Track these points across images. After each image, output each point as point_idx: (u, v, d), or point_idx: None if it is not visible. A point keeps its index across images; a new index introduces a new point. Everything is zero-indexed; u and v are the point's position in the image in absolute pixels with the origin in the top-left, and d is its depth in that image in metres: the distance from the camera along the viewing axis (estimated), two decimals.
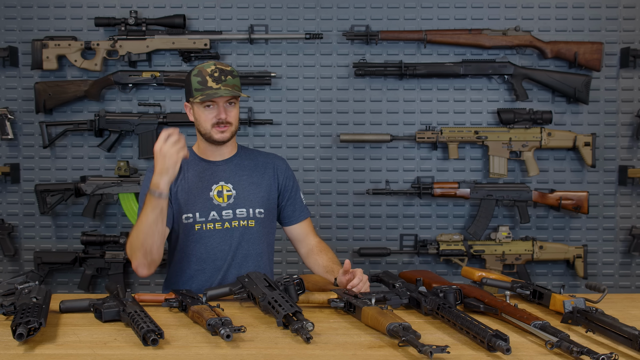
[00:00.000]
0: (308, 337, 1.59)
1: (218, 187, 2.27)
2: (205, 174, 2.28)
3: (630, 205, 3.46)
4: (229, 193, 2.27)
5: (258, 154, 2.41)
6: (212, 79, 2.17)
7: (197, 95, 2.17)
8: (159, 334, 1.58)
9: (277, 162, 2.39)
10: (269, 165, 2.37)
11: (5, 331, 1.67)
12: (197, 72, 2.20)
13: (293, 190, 2.39)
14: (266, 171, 2.35)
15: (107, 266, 3.34)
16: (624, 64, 3.40)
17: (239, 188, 2.29)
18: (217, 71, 2.18)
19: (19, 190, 3.46)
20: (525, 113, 3.32)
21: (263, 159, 2.38)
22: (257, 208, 2.29)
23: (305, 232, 2.40)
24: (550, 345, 1.51)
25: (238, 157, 2.34)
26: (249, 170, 2.32)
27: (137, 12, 3.31)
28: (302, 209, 2.41)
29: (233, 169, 2.31)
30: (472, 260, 3.39)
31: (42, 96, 3.32)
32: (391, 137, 3.35)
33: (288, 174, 2.40)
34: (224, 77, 2.18)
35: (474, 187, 3.36)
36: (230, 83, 2.18)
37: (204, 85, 2.17)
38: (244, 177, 2.31)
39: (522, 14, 3.43)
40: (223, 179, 2.28)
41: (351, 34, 3.36)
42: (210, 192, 2.26)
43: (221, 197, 2.27)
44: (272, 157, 2.41)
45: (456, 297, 1.90)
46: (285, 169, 2.40)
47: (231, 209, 2.26)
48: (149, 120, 3.34)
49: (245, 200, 2.28)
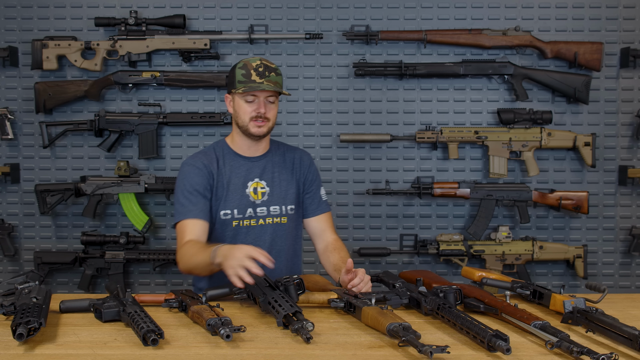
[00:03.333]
0: (308, 337, 1.59)
1: (254, 184, 2.32)
2: (240, 170, 2.32)
3: (630, 205, 3.46)
4: (263, 190, 2.32)
5: (286, 149, 2.45)
6: (257, 73, 2.20)
7: (240, 87, 2.20)
8: (159, 334, 1.58)
9: (303, 157, 2.44)
10: (296, 160, 2.41)
11: (5, 331, 1.67)
12: (243, 65, 2.24)
13: (315, 184, 2.43)
14: (294, 167, 2.40)
15: (107, 266, 3.34)
16: (624, 64, 3.40)
17: (272, 185, 2.34)
18: (262, 66, 2.21)
19: (19, 190, 3.46)
20: (525, 113, 3.32)
21: (291, 155, 2.42)
22: (288, 205, 2.35)
23: (323, 227, 2.42)
24: (550, 345, 1.51)
25: (270, 153, 2.38)
26: (279, 167, 2.37)
27: (137, 12, 3.31)
28: (320, 202, 2.44)
29: (266, 165, 2.35)
30: (472, 260, 3.39)
31: (42, 96, 3.32)
32: (391, 137, 3.35)
33: (312, 169, 2.44)
34: (268, 73, 2.21)
35: (474, 187, 3.35)
36: (273, 79, 2.22)
37: (248, 79, 2.20)
38: (276, 174, 2.36)
39: (522, 14, 3.43)
40: (258, 175, 2.33)
41: (351, 34, 3.36)
42: (247, 189, 2.31)
43: (256, 194, 2.32)
44: (299, 152, 2.46)
45: (456, 297, 1.90)
46: (309, 163, 2.44)
47: (265, 206, 2.32)
48: (149, 120, 3.34)
49: (278, 198, 2.33)
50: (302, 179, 2.40)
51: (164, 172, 3.43)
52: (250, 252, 1.86)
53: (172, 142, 3.44)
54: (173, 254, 3.33)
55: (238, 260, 1.85)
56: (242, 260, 1.85)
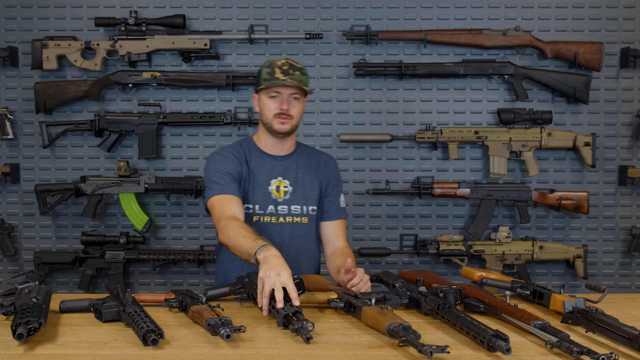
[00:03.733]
0: (308, 337, 1.59)
1: (277, 182, 2.35)
2: (265, 168, 2.35)
3: (630, 205, 3.46)
4: (285, 189, 2.35)
5: (312, 152, 2.48)
6: (281, 71, 2.24)
7: (264, 84, 2.24)
8: (159, 334, 1.58)
9: (329, 161, 2.47)
10: (321, 163, 2.44)
11: (5, 331, 1.67)
12: (269, 64, 2.28)
13: (335, 190, 2.45)
14: (319, 169, 2.42)
15: (107, 266, 3.34)
16: (624, 64, 3.40)
17: (295, 185, 2.36)
18: (286, 64, 2.26)
19: (19, 190, 3.46)
20: (525, 113, 3.32)
21: (317, 157, 2.45)
22: (310, 205, 2.38)
23: (337, 233, 2.44)
24: (550, 345, 1.51)
25: (296, 154, 2.41)
26: (304, 168, 2.40)
27: (137, 12, 3.31)
28: (338, 208, 2.46)
29: (291, 165, 2.38)
30: (472, 260, 3.39)
31: (42, 96, 3.32)
32: (391, 137, 3.35)
33: (335, 174, 2.47)
34: (292, 71, 2.25)
35: (474, 187, 3.35)
36: (297, 77, 2.25)
37: (272, 76, 2.24)
38: (300, 175, 2.38)
39: (522, 14, 3.43)
40: (281, 174, 2.36)
41: (351, 34, 3.36)
42: (270, 187, 2.34)
43: (279, 192, 2.34)
44: (325, 156, 2.49)
45: (456, 297, 1.90)
46: (333, 168, 2.47)
47: (287, 204, 2.34)
48: (149, 120, 3.34)
49: (300, 198, 2.36)
50: (325, 182, 2.43)
51: (164, 172, 3.43)
52: (287, 283, 1.80)
53: (172, 142, 3.44)
54: (173, 254, 3.33)
55: (273, 280, 1.80)
56: (277, 286, 1.78)
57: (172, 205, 3.45)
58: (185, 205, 3.45)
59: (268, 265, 1.85)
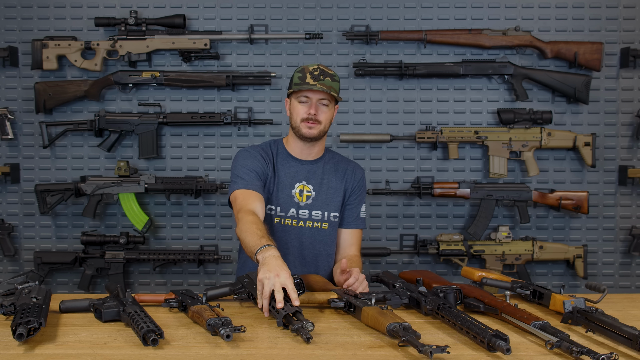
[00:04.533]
0: (308, 337, 1.59)
1: (300, 186, 2.36)
2: (290, 171, 2.36)
3: (630, 205, 3.46)
4: (308, 194, 2.36)
5: (341, 159, 2.48)
6: (311, 76, 2.25)
7: (294, 88, 2.27)
8: (159, 334, 1.58)
9: (356, 169, 2.47)
10: (349, 171, 2.44)
11: (5, 331, 1.67)
12: (301, 69, 2.30)
13: (358, 199, 2.45)
14: (345, 177, 2.43)
15: (107, 266, 3.33)
16: (624, 64, 3.40)
17: (319, 191, 2.37)
18: (317, 70, 2.27)
19: (19, 190, 3.46)
20: (525, 113, 3.32)
21: (344, 165, 2.45)
22: (332, 212, 2.38)
23: (352, 241, 2.44)
24: (550, 345, 1.51)
25: (323, 160, 2.41)
26: (329, 174, 2.40)
27: (137, 12, 3.31)
28: (358, 218, 2.46)
29: (316, 171, 2.38)
30: (472, 260, 3.39)
31: (42, 96, 3.32)
32: (391, 137, 3.35)
33: (361, 183, 2.47)
34: (323, 77, 2.26)
35: (474, 187, 3.35)
36: (327, 84, 2.26)
37: (302, 81, 2.26)
38: (325, 181, 2.38)
39: (522, 14, 3.43)
40: (306, 179, 2.37)
41: (351, 34, 3.36)
42: (293, 190, 2.35)
43: (301, 196, 2.35)
44: (353, 165, 2.49)
45: (456, 297, 1.90)
46: (360, 178, 2.47)
47: (308, 209, 2.35)
48: (149, 120, 3.34)
49: (322, 203, 2.37)
50: (349, 190, 2.43)
51: (164, 172, 3.43)
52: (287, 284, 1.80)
53: (172, 142, 3.44)
54: (173, 254, 3.33)
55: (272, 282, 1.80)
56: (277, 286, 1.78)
57: (172, 205, 3.45)
58: (185, 205, 3.46)
59: (267, 266, 1.85)
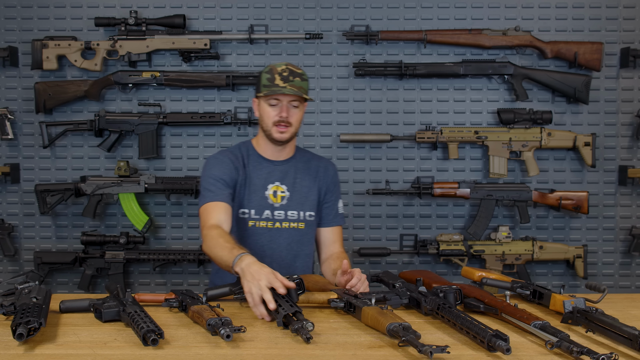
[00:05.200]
0: (308, 337, 1.59)
1: (274, 187, 2.33)
2: (262, 172, 2.33)
3: (630, 205, 3.46)
4: (283, 194, 2.33)
5: (312, 157, 2.46)
6: (281, 77, 2.21)
7: (264, 91, 2.22)
8: (159, 334, 1.58)
9: (328, 166, 2.45)
10: (320, 169, 2.42)
11: (5, 331, 1.67)
12: (269, 69, 2.26)
13: (334, 195, 2.44)
14: (317, 175, 2.41)
15: (107, 266, 3.33)
16: (624, 64, 3.40)
17: (293, 190, 2.35)
18: (286, 71, 2.23)
19: (19, 190, 3.46)
20: (525, 113, 3.32)
21: (316, 163, 2.43)
22: (307, 211, 2.36)
23: (334, 239, 2.43)
24: (550, 345, 1.51)
25: (294, 159, 2.39)
26: (302, 174, 2.38)
27: (137, 12, 3.31)
28: (336, 215, 2.45)
29: (289, 170, 2.36)
30: (472, 260, 3.38)
31: (42, 96, 3.32)
32: (391, 137, 3.35)
33: (334, 180, 2.45)
34: (293, 77, 2.22)
35: (474, 187, 3.35)
36: (297, 84, 2.22)
37: (272, 83, 2.22)
38: (298, 180, 2.36)
39: (522, 14, 3.43)
40: (279, 179, 2.34)
41: (351, 34, 3.36)
42: (267, 191, 2.32)
43: (276, 197, 2.33)
44: (325, 161, 2.47)
45: (456, 297, 1.90)
46: (333, 174, 2.45)
47: (283, 210, 2.33)
48: (149, 120, 3.34)
49: (297, 203, 2.35)
50: (324, 188, 2.41)
51: (164, 172, 3.43)
52: (271, 281, 1.81)
53: (172, 142, 3.44)
54: (173, 254, 3.33)
55: (257, 288, 1.80)
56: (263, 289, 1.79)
57: (172, 205, 3.45)
58: (185, 205, 3.46)
59: (247, 277, 1.85)
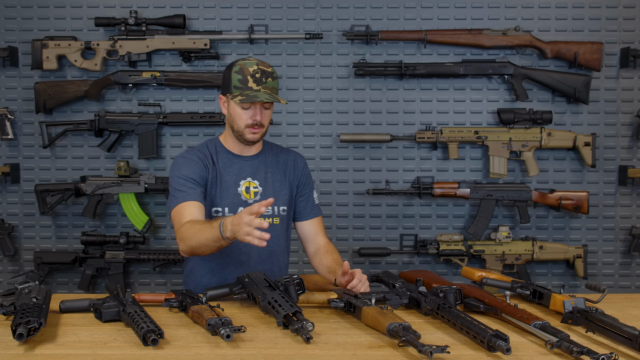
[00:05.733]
0: (308, 337, 1.59)
1: (246, 183, 2.30)
2: (233, 168, 2.30)
3: (630, 205, 3.46)
4: (255, 190, 2.31)
5: (280, 150, 2.44)
6: (253, 80, 2.17)
7: (237, 94, 2.18)
8: (159, 334, 1.58)
9: (297, 159, 2.43)
10: (289, 162, 2.40)
11: (5, 331, 1.67)
12: (239, 69, 2.19)
13: (307, 188, 2.42)
14: (287, 168, 2.39)
15: (107, 266, 3.34)
16: (624, 64, 3.40)
17: (265, 185, 2.32)
18: (258, 72, 2.18)
19: (19, 190, 3.46)
20: (525, 113, 3.32)
21: (284, 156, 2.41)
22: (281, 205, 2.34)
23: (315, 231, 2.41)
24: (550, 345, 1.51)
25: (264, 153, 2.37)
26: (272, 168, 2.36)
27: (137, 12, 3.31)
28: (314, 206, 2.43)
29: (259, 165, 2.34)
30: (472, 260, 3.38)
31: (42, 96, 3.32)
32: (391, 137, 3.35)
33: (305, 172, 2.43)
34: (265, 79, 2.18)
35: (474, 187, 3.35)
36: (270, 85, 2.19)
37: (244, 85, 2.17)
38: (269, 175, 2.34)
39: (522, 14, 3.43)
40: (250, 175, 2.31)
41: (351, 34, 3.36)
42: (239, 188, 2.29)
43: (248, 194, 2.30)
44: (293, 154, 2.45)
45: (456, 297, 1.90)
46: (303, 166, 2.43)
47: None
48: (149, 120, 3.34)
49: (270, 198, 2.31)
50: (295, 182, 2.39)
51: (164, 172, 3.43)
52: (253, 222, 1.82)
53: (172, 142, 3.44)
54: (173, 254, 3.33)
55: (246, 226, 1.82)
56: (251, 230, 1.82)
57: None
58: None
59: (235, 228, 1.86)
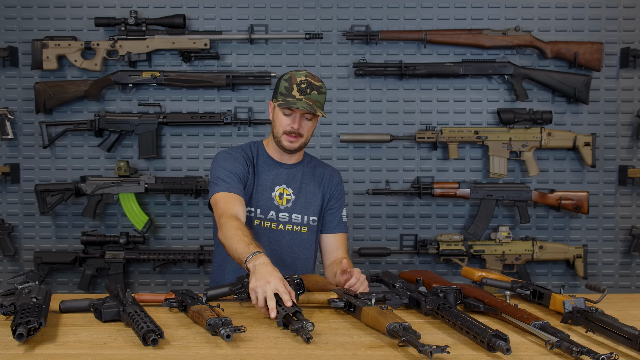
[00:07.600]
0: (308, 337, 1.59)
1: (280, 189, 2.34)
2: (270, 173, 2.34)
3: (630, 205, 3.46)
4: (288, 197, 2.35)
5: (318, 164, 2.47)
6: (298, 89, 2.20)
7: (280, 100, 2.22)
8: (159, 334, 1.58)
9: (334, 174, 2.47)
10: (326, 175, 2.44)
11: (5, 331, 1.67)
12: (288, 77, 2.24)
13: (338, 203, 2.45)
14: (323, 181, 2.42)
15: (107, 266, 3.34)
16: (624, 64, 3.40)
17: (299, 194, 2.36)
18: (305, 82, 2.21)
19: (19, 190, 3.46)
20: (525, 113, 3.32)
21: (322, 170, 2.45)
22: (311, 216, 2.37)
23: (336, 245, 2.44)
24: (550, 345, 1.51)
25: (302, 164, 2.40)
26: (308, 179, 2.39)
27: (137, 12, 3.32)
28: (340, 222, 2.46)
29: (296, 175, 2.37)
30: (472, 260, 3.39)
31: (42, 96, 3.32)
32: (391, 137, 3.35)
33: (339, 188, 2.47)
34: (310, 90, 2.21)
35: (474, 187, 3.36)
36: (313, 98, 2.21)
37: (289, 92, 2.21)
38: (303, 185, 2.37)
39: (522, 14, 3.43)
40: (286, 182, 2.35)
41: (351, 34, 3.36)
42: (273, 193, 2.33)
43: (281, 200, 2.34)
44: (330, 169, 2.48)
45: (456, 297, 1.90)
46: (338, 182, 2.46)
47: (288, 212, 2.34)
48: (149, 120, 3.34)
49: (301, 207, 2.36)
50: (327, 195, 2.42)
51: (164, 172, 3.43)
52: (278, 287, 1.78)
53: (172, 142, 3.44)
54: (173, 254, 3.33)
55: (263, 290, 1.78)
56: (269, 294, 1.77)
57: (172, 205, 3.45)
58: (185, 205, 3.46)
59: (257, 274, 1.84)
